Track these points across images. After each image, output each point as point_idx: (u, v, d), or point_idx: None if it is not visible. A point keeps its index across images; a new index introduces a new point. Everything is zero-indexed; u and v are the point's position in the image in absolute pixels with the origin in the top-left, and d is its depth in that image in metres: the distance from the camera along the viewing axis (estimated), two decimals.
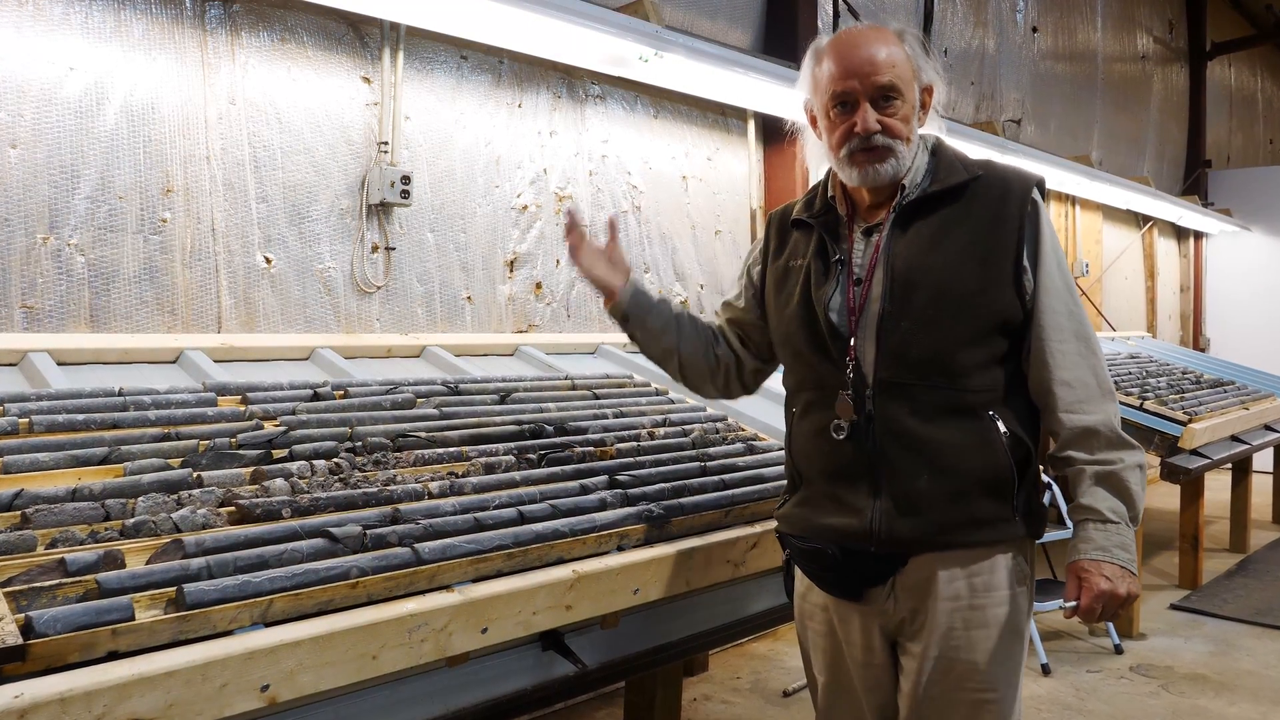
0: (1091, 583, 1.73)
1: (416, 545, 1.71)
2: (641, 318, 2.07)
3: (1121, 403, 4.79)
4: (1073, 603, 1.76)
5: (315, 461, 2.02)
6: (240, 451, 2.00)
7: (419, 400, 2.52)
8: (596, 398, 2.85)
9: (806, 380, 1.90)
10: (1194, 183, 10.10)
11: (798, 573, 1.99)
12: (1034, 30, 7.47)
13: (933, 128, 1.90)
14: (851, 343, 1.80)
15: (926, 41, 1.86)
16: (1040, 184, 1.83)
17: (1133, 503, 1.76)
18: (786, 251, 1.97)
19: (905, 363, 1.75)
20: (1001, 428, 1.76)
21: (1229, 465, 5.85)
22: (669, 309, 2.10)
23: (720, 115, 4.63)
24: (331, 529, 1.70)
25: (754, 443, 2.71)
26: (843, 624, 1.89)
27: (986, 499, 1.76)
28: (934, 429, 1.74)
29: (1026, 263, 1.78)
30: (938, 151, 1.88)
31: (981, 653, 1.78)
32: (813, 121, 1.91)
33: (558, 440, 2.40)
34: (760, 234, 2.10)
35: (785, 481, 2.36)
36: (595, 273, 2.08)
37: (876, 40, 1.78)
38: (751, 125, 4.76)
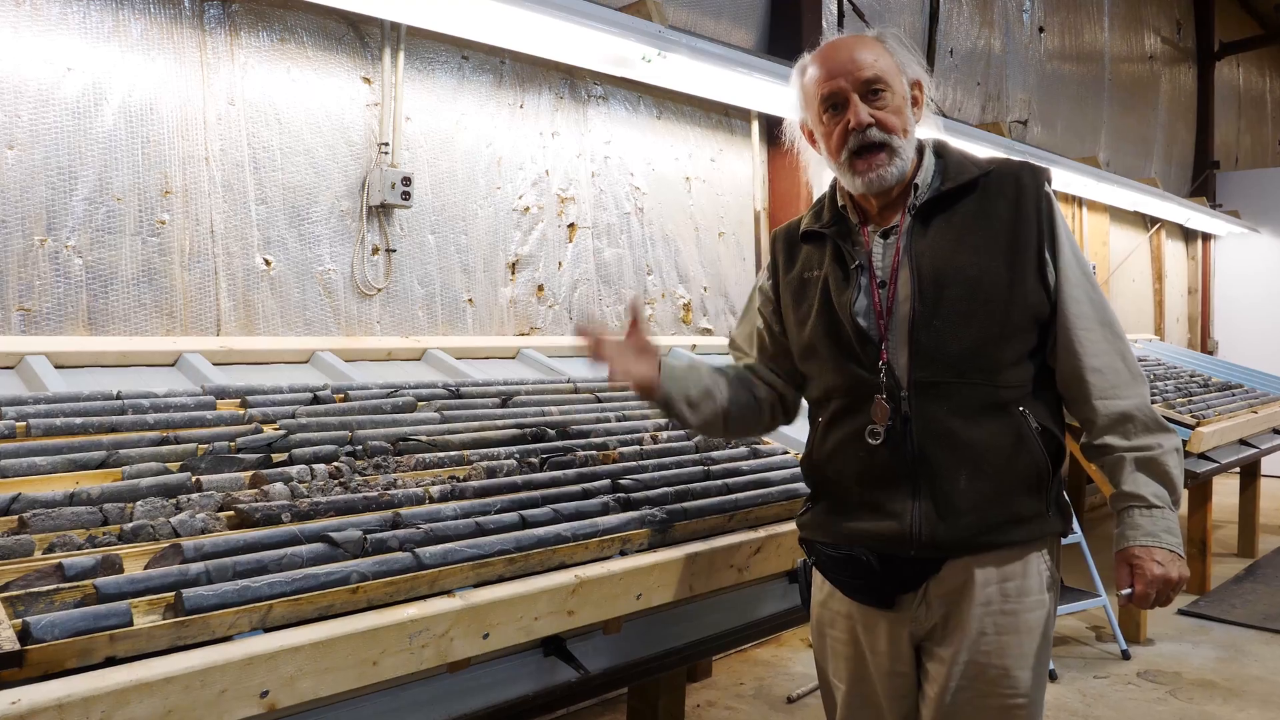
0: (1145, 569, 1.73)
1: (417, 550, 1.70)
2: (683, 392, 1.95)
3: None
4: (1127, 590, 1.76)
5: (315, 465, 2.01)
6: (239, 455, 1.99)
7: (420, 404, 2.51)
8: (599, 401, 2.84)
9: (836, 388, 1.86)
10: (1202, 184, 10.05)
11: (816, 579, 1.97)
12: (1040, 30, 7.45)
13: (931, 127, 1.91)
14: (883, 346, 1.78)
15: (909, 39, 1.89)
16: (1048, 175, 1.85)
17: (1174, 487, 1.77)
18: (798, 265, 1.96)
19: (941, 362, 1.75)
20: (1033, 422, 1.76)
21: (1237, 469, 5.81)
22: (702, 372, 2.02)
23: (724, 116, 4.61)
24: (332, 533, 1.68)
25: (758, 447, 2.69)
26: (868, 632, 1.86)
27: (1025, 496, 1.76)
28: (973, 428, 1.74)
29: (1048, 255, 1.79)
30: (943, 152, 1.89)
31: (1013, 658, 1.76)
32: (810, 138, 1.91)
33: (560, 444, 2.38)
34: (768, 259, 2.07)
35: (792, 485, 2.37)
36: (635, 372, 1.91)
37: (856, 43, 1.82)
38: (755, 126, 4.74)
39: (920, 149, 1.87)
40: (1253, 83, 11.92)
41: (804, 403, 2.07)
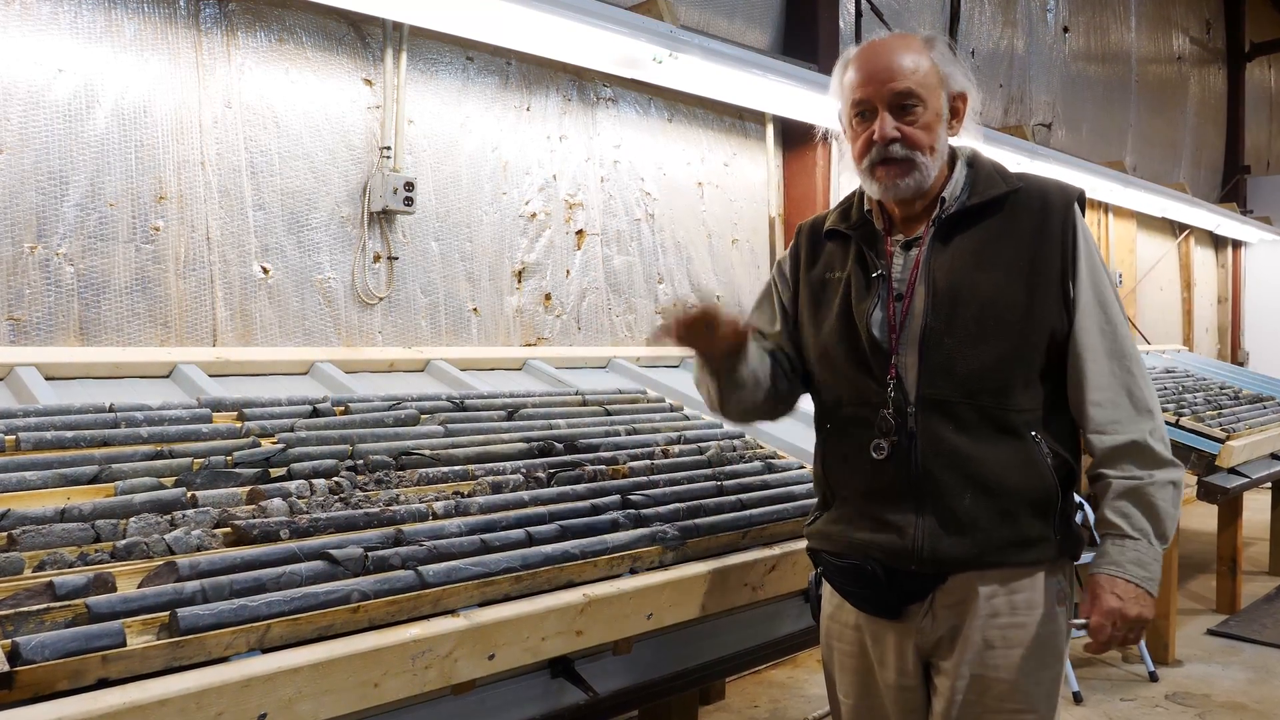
0: (1101, 600, 1.71)
1: (420, 568, 1.69)
2: (734, 373, 1.88)
3: None
4: (1082, 620, 1.76)
5: (315, 480, 2.00)
6: (236, 470, 2.00)
7: (423, 416, 2.50)
8: (608, 414, 2.82)
9: (845, 397, 1.87)
10: (1232, 189, 10.00)
11: (826, 591, 1.97)
12: (1065, 30, 7.43)
13: (971, 137, 1.90)
14: (894, 360, 1.79)
15: (957, 48, 1.85)
16: (1080, 197, 1.84)
17: (1159, 519, 1.74)
18: (821, 263, 1.96)
19: (950, 379, 1.75)
20: (1045, 447, 1.76)
21: (1269, 484, 5.73)
22: (755, 350, 1.91)
23: (737, 119, 4.58)
24: (332, 551, 1.67)
25: (773, 461, 2.67)
26: (876, 644, 1.87)
27: (1032, 518, 1.76)
28: (979, 447, 1.74)
29: (1070, 280, 1.77)
30: (975, 163, 1.89)
31: (1021, 671, 1.76)
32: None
33: (568, 458, 2.37)
34: (789, 246, 2.06)
35: (808, 501, 2.35)
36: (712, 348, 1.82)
37: (900, 48, 1.80)
38: (770, 129, 4.72)
39: (953, 159, 1.86)
40: None
41: (797, 401, 2.05)
